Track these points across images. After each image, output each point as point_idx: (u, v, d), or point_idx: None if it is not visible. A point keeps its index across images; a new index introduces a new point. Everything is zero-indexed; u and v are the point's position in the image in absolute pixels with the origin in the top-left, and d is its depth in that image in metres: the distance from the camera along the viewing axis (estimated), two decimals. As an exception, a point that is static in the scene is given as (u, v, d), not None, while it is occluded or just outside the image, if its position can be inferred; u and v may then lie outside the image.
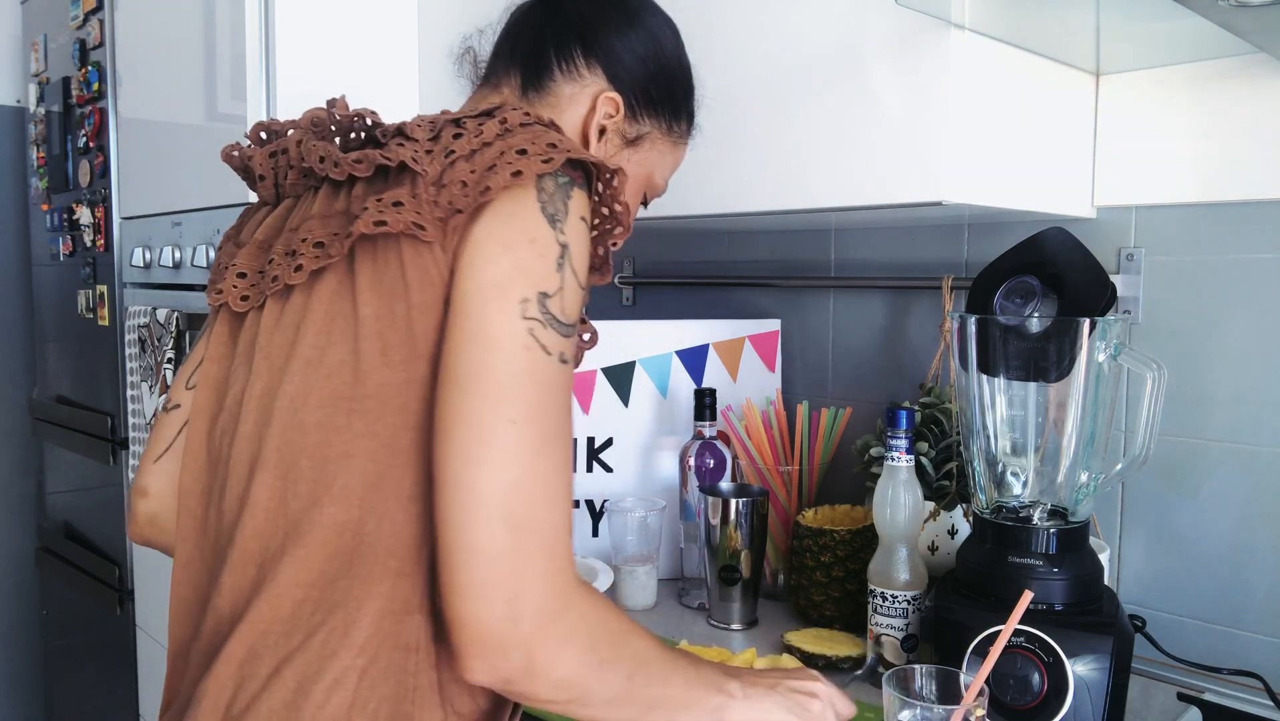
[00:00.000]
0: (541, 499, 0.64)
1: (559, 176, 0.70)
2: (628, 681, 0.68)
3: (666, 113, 0.93)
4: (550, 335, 0.66)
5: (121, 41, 1.93)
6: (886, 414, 1.11)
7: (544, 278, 0.67)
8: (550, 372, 0.66)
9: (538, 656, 0.64)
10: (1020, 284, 1.03)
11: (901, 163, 1.08)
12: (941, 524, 1.25)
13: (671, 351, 1.59)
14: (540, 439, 0.65)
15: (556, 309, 0.67)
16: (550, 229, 0.68)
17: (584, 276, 0.70)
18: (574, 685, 0.66)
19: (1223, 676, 1.16)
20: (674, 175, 1.01)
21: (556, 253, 0.68)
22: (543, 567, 0.64)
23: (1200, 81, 1.19)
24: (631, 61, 0.90)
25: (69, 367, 2.27)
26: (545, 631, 0.63)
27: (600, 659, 0.66)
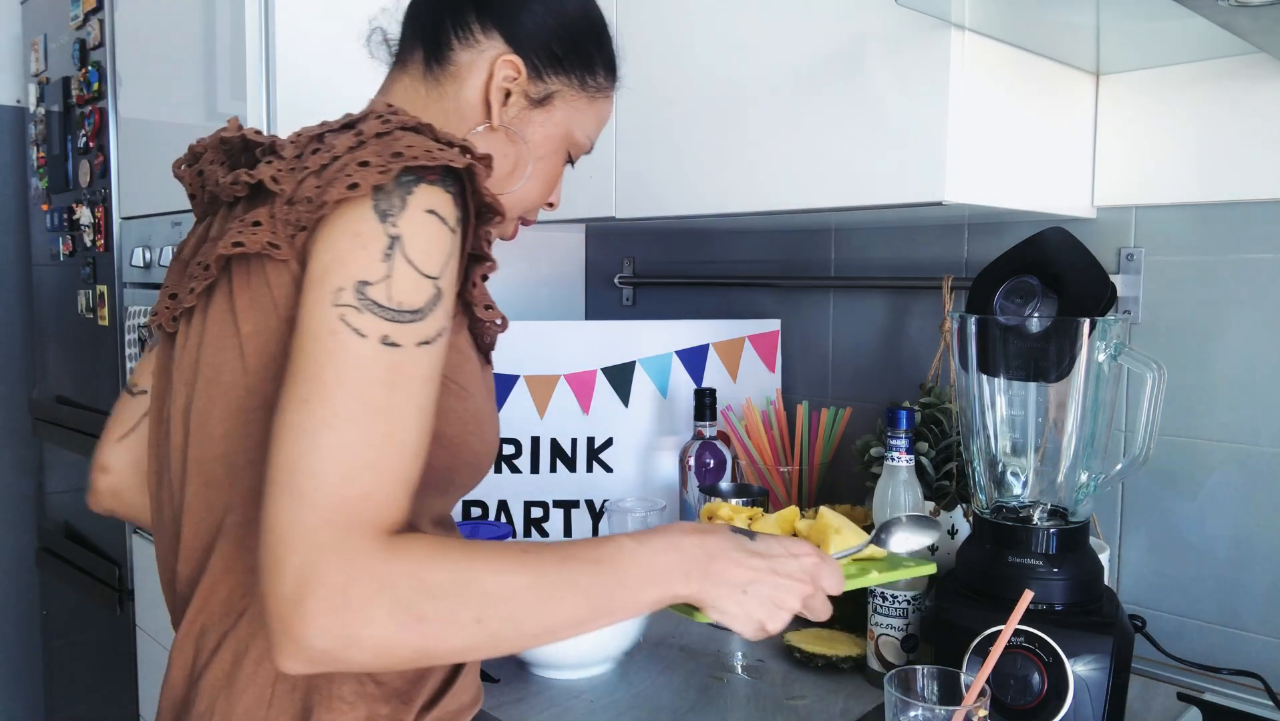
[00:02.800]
0: (329, 471, 0.65)
1: (401, 177, 0.71)
2: (478, 626, 0.67)
3: (576, 68, 0.91)
4: (368, 320, 0.68)
5: (121, 41, 1.93)
6: (886, 414, 1.11)
7: (363, 267, 0.69)
8: (363, 355, 0.67)
9: (333, 633, 0.63)
10: (1020, 284, 1.03)
11: (901, 163, 1.08)
12: (941, 523, 1.25)
13: (671, 351, 1.59)
14: (331, 415, 0.66)
15: (380, 295, 0.68)
16: (379, 223, 0.70)
17: (431, 263, 0.71)
18: (397, 647, 0.65)
19: (1223, 676, 1.16)
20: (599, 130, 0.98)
21: (383, 244, 0.69)
22: (325, 540, 0.64)
23: (1200, 81, 1.19)
24: (529, 21, 0.89)
25: (69, 368, 2.27)
26: (331, 606, 0.63)
27: (420, 616, 0.65)
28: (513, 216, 0.94)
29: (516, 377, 1.55)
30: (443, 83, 0.89)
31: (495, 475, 1.55)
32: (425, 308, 0.70)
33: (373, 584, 0.64)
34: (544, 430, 1.56)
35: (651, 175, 1.37)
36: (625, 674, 1.16)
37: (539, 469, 1.56)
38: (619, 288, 1.96)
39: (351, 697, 0.77)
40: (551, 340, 1.57)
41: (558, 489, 1.55)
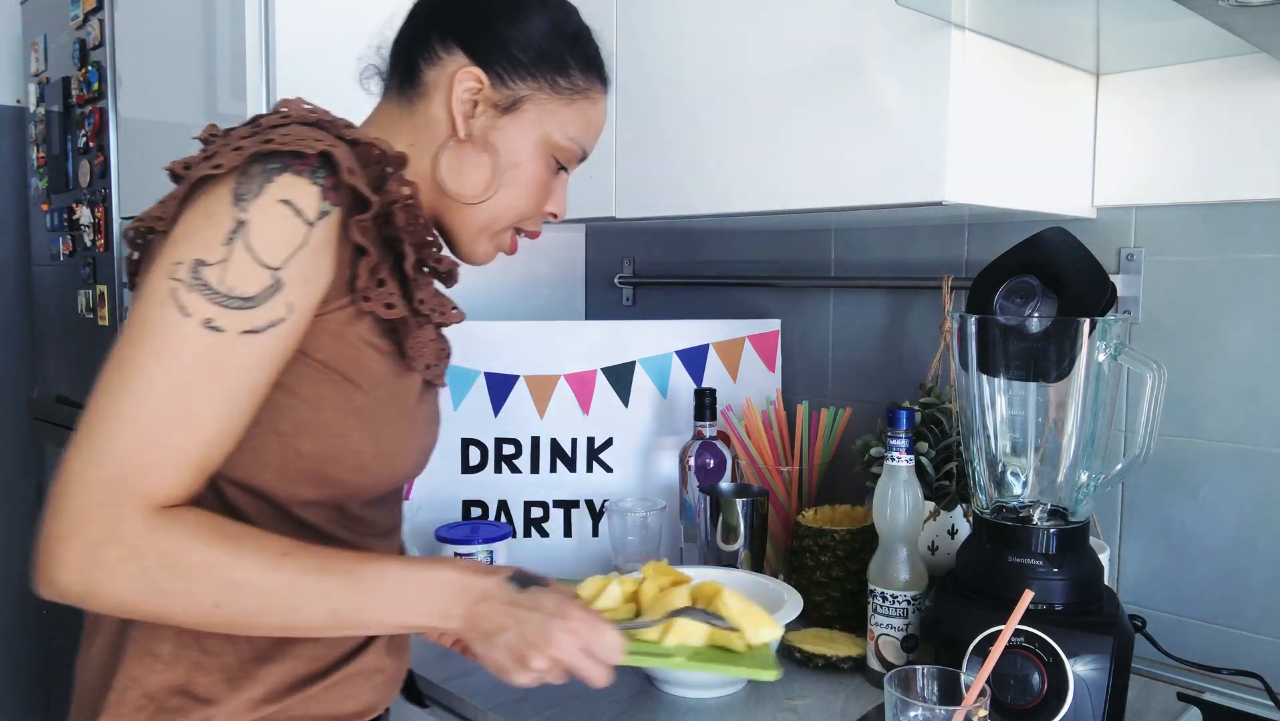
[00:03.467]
0: (118, 436, 0.70)
1: (268, 162, 0.74)
2: (216, 610, 0.72)
3: (545, 72, 0.90)
4: (195, 299, 0.71)
5: (121, 41, 1.93)
6: (886, 414, 1.11)
7: (204, 247, 0.72)
8: (182, 334, 0.71)
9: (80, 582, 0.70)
10: (1020, 284, 1.03)
11: (901, 163, 1.08)
12: (941, 524, 1.25)
13: (671, 351, 1.59)
14: (139, 384, 0.70)
15: (213, 278, 0.71)
16: (232, 206, 0.73)
17: (272, 253, 0.73)
18: (134, 609, 0.72)
19: (1223, 676, 1.16)
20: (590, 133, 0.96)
21: (229, 227, 0.72)
22: (100, 497, 0.69)
23: (1200, 81, 1.19)
24: (488, 32, 0.89)
25: (69, 368, 2.27)
26: (86, 557, 0.69)
27: (159, 588, 0.71)
28: (500, 226, 0.94)
29: (516, 377, 1.55)
30: (414, 102, 0.91)
31: (495, 475, 1.55)
32: (259, 296, 0.73)
33: (124, 549, 0.70)
34: (544, 430, 1.56)
35: (651, 175, 1.37)
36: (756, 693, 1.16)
37: (539, 469, 1.56)
38: (619, 287, 1.96)
39: (168, 657, 0.80)
40: (551, 340, 1.57)
41: (558, 489, 1.55)
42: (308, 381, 0.79)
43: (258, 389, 0.75)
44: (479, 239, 0.94)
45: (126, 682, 0.80)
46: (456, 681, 1.14)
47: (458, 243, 0.95)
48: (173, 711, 0.80)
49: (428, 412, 0.94)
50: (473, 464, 1.55)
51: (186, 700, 0.80)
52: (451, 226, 0.94)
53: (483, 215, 0.92)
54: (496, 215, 0.93)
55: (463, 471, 1.54)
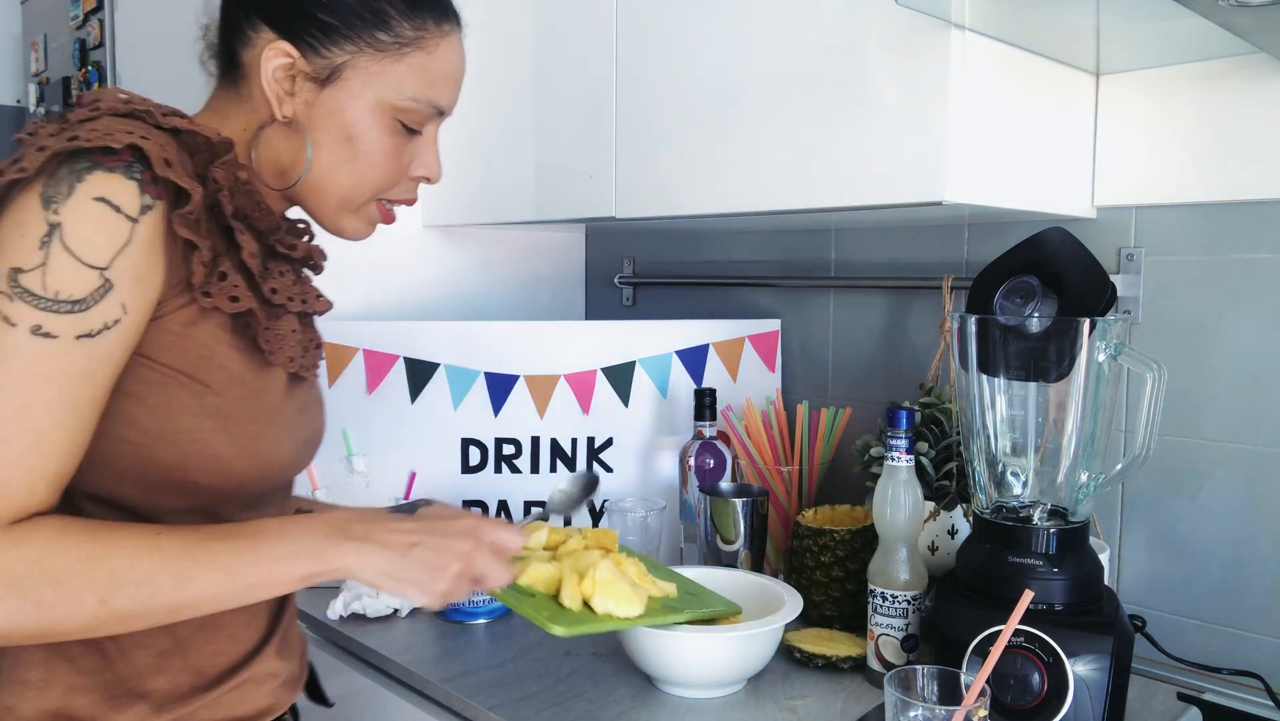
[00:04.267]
0: None
1: (76, 161, 0.70)
2: (103, 606, 0.69)
3: (361, 30, 0.83)
4: (19, 308, 0.67)
5: (121, 41, 1.93)
6: (886, 414, 1.11)
7: (18, 254, 0.68)
8: (11, 344, 0.67)
9: None
10: (1020, 284, 1.03)
11: (902, 163, 1.08)
12: (941, 524, 1.25)
13: (671, 351, 1.59)
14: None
15: (34, 284, 0.68)
16: (42, 210, 0.69)
17: (94, 252, 0.70)
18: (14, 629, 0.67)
19: (1223, 676, 1.16)
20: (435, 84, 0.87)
21: (41, 231, 0.68)
22: None
23: (1200, 81, 1.19)
24: (289, 1, 0.83)
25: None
26: None
27: (35, 600, 0.67)
28: (360, 201, 0.88)
29: (516, 377, 1.56)
30: (240, 87, 0.87)
31: (495, 475, 1.55)
32: (89, 299, 0.69)
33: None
34: (544, 430, 1.56)
35: (651, 175, 1.37)
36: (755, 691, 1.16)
37: (539, 469, 1.56)
38: (619, 287, 1.96)
39: (39, 682, 0.77)
40: (551, 340, 1.57)
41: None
42: (155, 388, 0.76)
43: (99, 395, 0.72)
44: (340, 215, 0.89)
45: (1, 712, 0.77)
46: (456, 681, 1.14)
47: (321, 221, 0.91)
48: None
49: (298, 405, 0.89)
50: (473, 464, 1.55)
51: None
52: (308, 207, 0.89)
53: (333, 194, 0.87)
54: (349, 191, 0.87)
55: (463, 471, 1.54)
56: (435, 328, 1.55)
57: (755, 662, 1.11)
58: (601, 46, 1.41)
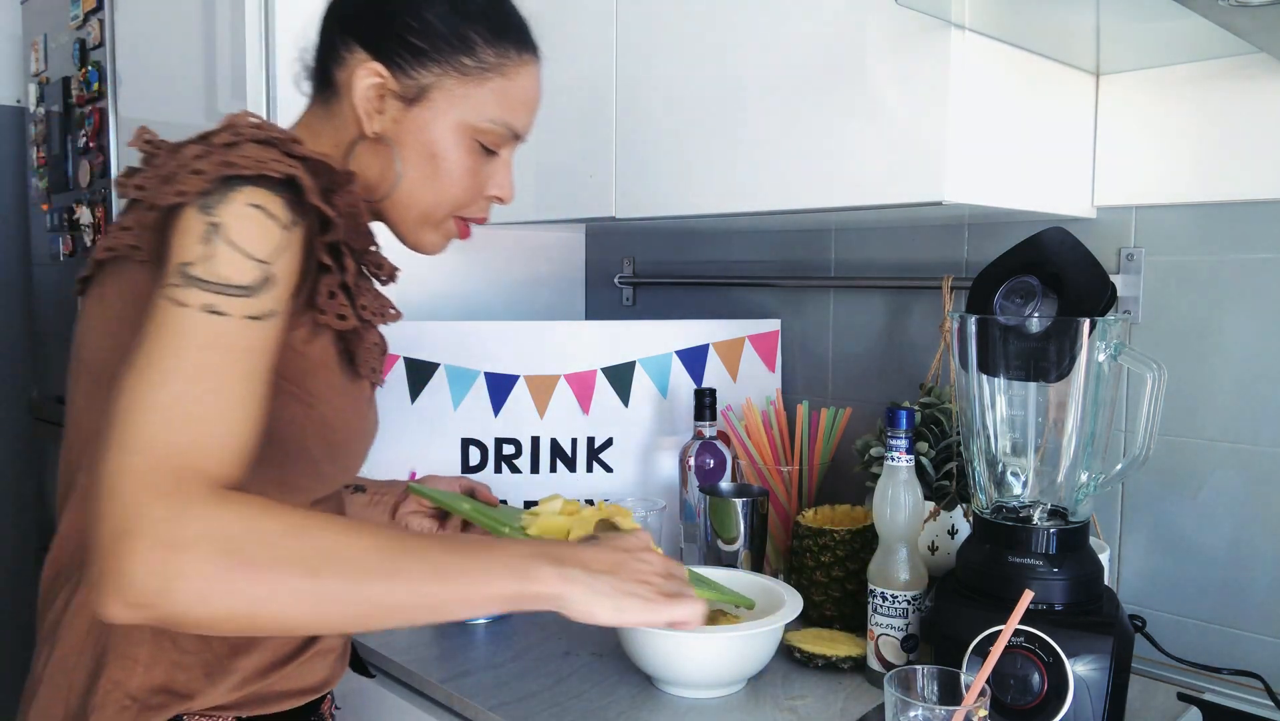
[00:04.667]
0: (154, 421, 0.67)
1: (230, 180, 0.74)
2: (313, 580, 0.65)
3: (448, 55, 0.88)
4: (191, 293, 0.71)
5: (121, 41, 1.93)
6: (886, 414, 1.11)
7: (186, 251, 0.72)
8: (186, 322, 0.70)
9: (155, 572, 0.62)
10: (1020, 284, 1.03)
11: (901, 163, 1.08)
12: (941, 524, 1.25)
13: (671, 351, 1.59)
14: (159, 375, 0.68)
15: (200, 271, 0.71)
16: (201, 215, 0.73)
17: (257, 247, 0.73)
18: (223, 596, 0.63)
19: (1223, 676, 1.16)
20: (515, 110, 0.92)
21: (202, 230, 0.72)
22: (152, 481, 0.64)
23: (1200, 81, 1.19)
24: (383, 23, 0.88)
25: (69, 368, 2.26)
26: (154, 541, 0.62)
27: (249, 560, 0.64)
28: (439, 216, 0.93)
29: (516, 377, 1.56)
30: (331, 104, 0.91)
31: (495, 475, 1.55)
32: (254, 286, 0.72)
33: (199, 525, 0.64)
34: (544, 430, 1.56)
35: (651, 175, 1.37)
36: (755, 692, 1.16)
37: (539, 469, 1.56)
38: (619, 287, 1.96)
39: (147, 660, 0.81)
40: (551, 340, 1.57)
41: (558, 489, 1.55)
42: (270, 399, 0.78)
43: (267, 375, 0.73)
44: (420, 230, 0.94)
45: (109, 686, 0.80)
46: (456, 681, 1.14)
47: (402, 235, 0.96)
48: (156, 708, 0.81)
49: (374, 414, 0.97)
50: (473, 464, 1.55)
51: (168, 696, 0.82)
52: (391, 221, 0.94)
53: (414, 208, 0.92)
54: (429, 207, 0.92)
55: (463, 471, 1.54)
56: (435, 327, 1.55)
57: (755, 662, 1.11)
58: (601, 46, 1.41)
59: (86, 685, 0.82)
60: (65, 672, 0.83)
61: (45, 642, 0.85)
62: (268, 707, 0.87)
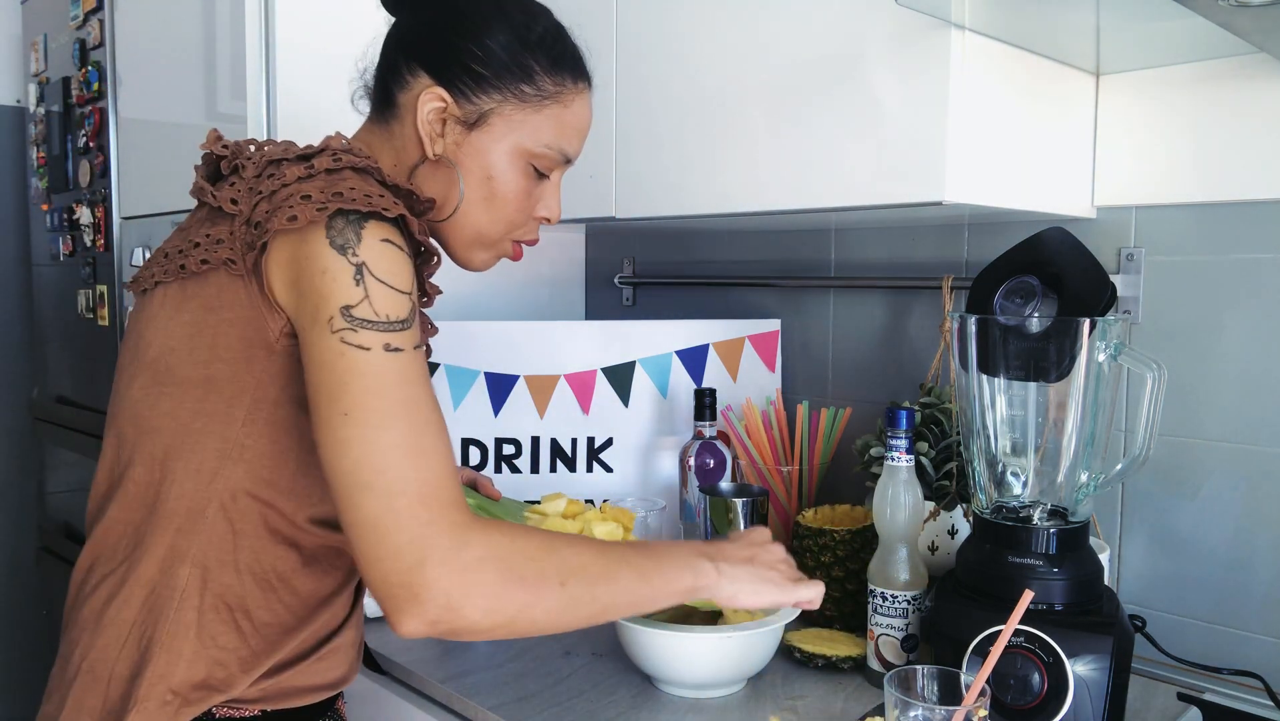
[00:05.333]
0: (396, 463, 0.74)
1: (349, 215, 0.78)
2: (563, 588, 0.77)
3: (508, 82, 0.92)
4: (367, 335, 0.76)
5: (121, 41, 1.93)
6: (886, 414, 1.11)
7: (343, 294, 0.76)
8: (375, 364, 0.76)
9: (452, 592, 0.72)
10: (1020, 284, 1.03)
11: (901, 163, 1.08)
12: (941, 524, 1.25)
13: (671, 351, 1.59)
14: (376, 417, 0.74)
15: (366, 313, 0.76)
16: (341, 256, 0.77)
17: (401, 280, 0.79)
18: (503, 606, 0.74)
19: (1223, 676, 1.16)
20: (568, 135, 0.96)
21: (351, 272, 0.77)
22: (424, 517, 0.73)
23: (1200, 81, 1.19)
24: (446, 51, 0.92)
25: (69, 367, 2.27)
26: (449, 567, 0.72)
27: (521, 575, 0.75)
28: (493, 237, 0.97)
29: (516, 377, 1.56)
30: (391, 125, 0.95)
31: (495, 475, 1.55)
32: (410, 318, 0.78)
33: (481, 548, 0.74)
34: (544, 430, 1.56)
35: (651, 175, 1.37)
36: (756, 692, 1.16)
37: (539, 469, 1.56)
38: (619, 287, 1.96)
39: (190, 655, 0.84)
40: (551, 340, 1.57)
41: (558, 489, 1.55)
42: None
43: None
44: (472, 250, 0.98)
45: (153, 680, 0.82)
46: (456, 681, 1.14)
47: (453, 254, 0.99)
48: (195, 702, 0.84)
49: None
50: (473, 463, 1.55)
51: (206, 691, 0.84)
52: (445, 241, 0.98)
53: (469, 229, 0.96)
54: (484, 228, 0.96)
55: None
56: (435, 328, 1.55)
57: (755, 662, 1.11)
58: (601, 46, 1.41)
59: (129, 677, 0.83)
60: (106, 664, 0.84)
61: (83, 632, 0.86)
62: (290, 701, 0.90)
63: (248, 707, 0.87)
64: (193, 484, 0.84)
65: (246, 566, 0.85)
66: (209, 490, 0.84)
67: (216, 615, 0.84)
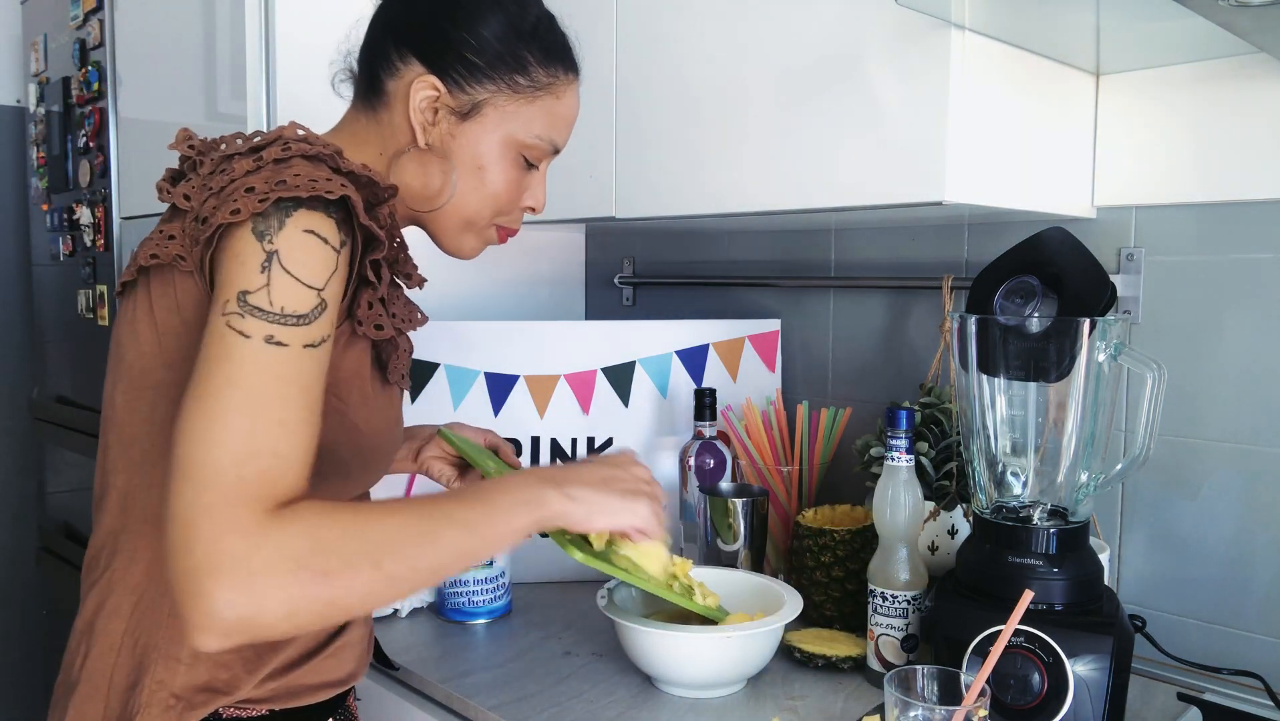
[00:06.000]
0: (220, 458, 0.69)
1: (280, 202, 0.76)
2: (376, 570, 0.72)
3: (502, 73, 0.91)
4: (252, 322, 0.72)
5: (121, 41, 1.93)
6: (886, 414, 1.11)
7: (243, 280, 0.74)
8: (248, 353, 0.72)
9: (239, 604, 0.66)
10: (1020, 284, 1.03)
11: (901, 163, 1.08)
12: (941, 524, 1.25)
13: (671, 351, 1.59)
14: (222, 408, 0.70)
15: (261, 301, 0.73)
16: (257, 243, 0.75)
17: (310, 275, 0.75)
18: (305, 606, 0.69)
19: (1223, 676, 1.16)
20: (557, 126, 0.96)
21: (260, 259, 0.74)
22: (224, 517, 0.67)
23: (1200, 81, 1.19)
24: (440, 40, 0.90)
25: (69, 367, 2.27)
26: (237, 577, 0.66)
27: (324, 569, 0.69)
28: (481, 224, 0.96)
29: (516, 377, 1.55)
30: (379, 112, 0.93)
31: (495, 475, 1.55)
32: (310, 314, 0.75)
33: (274, 550, 0.68)
34: (544, 430, 1.56)
35: (651, 175, 1.37)
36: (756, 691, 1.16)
37: (539, 469, 1.56)
38: (619, 287, 1.96)
39: (189, 659, 0.83)
40: (551, 340, 1.57)
41: (558, 489, 1.55)
42: None
43: (321, 399, 0.76)
44: (462, 237, 0.97)
45: (154, 686, 0.82)
46: (456, 681, 1.14)
47: (442, 242, 0.99)
48: (198, 705, 0.83)
49: (401, 419, 1.00)
50: (473, 464, 1.55)
51: (210, 693, 0.84)
52: (432, 229, 0.97)
53: (458, 216, 0.95)
54: (472, 216, 0.95)
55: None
56: (435, 327, 1.55)
57: (755, 662, 1.11)
58: (601, 46, 1.41)
59: (128, 685, 0.83)
60: (104, 673, 0.84)
61: (80, 641, 0.86)
62: (298, 700, 0.90)
63: (256, 707, 0.87)
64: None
65: None
66: None
67: None
